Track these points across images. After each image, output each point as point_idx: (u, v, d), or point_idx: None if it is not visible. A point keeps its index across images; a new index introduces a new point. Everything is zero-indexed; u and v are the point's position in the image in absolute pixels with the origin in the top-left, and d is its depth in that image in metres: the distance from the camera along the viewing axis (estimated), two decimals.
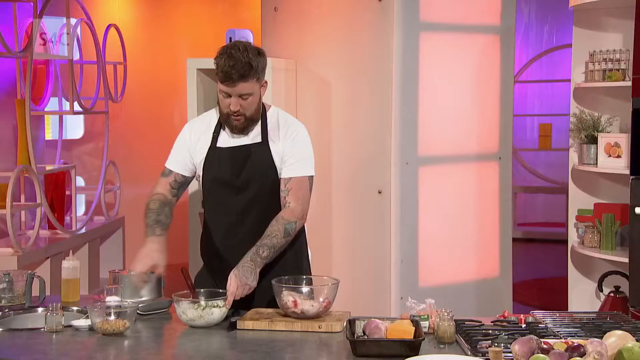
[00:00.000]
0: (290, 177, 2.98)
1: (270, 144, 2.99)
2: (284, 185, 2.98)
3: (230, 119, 2.95)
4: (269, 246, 2.88)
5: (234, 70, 2.84)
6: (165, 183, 3.09)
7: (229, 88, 2.88)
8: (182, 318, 2.71)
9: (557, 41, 9.75)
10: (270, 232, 2.90)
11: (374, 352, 2.35)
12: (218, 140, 3.02)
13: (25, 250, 4.89)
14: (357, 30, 4.63)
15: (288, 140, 3.00)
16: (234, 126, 2.96)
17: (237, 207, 3.01)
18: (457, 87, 4.76)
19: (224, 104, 2.93)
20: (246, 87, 2.88)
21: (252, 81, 2.88)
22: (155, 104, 7.73)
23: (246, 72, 2.85)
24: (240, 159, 2.99)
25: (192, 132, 3.08)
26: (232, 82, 2.86)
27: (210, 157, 3.02)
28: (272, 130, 3.02)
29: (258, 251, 2.85)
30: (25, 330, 2.71)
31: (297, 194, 2.97)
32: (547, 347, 2.20)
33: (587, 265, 5.08)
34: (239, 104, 2.90)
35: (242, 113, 2.93)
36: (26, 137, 5.13)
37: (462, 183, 4.79)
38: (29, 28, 5.56)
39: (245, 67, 2.84)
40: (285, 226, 2.91)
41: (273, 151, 2.99)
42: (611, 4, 4.84)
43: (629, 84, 4.53)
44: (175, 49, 7.84)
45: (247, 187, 2.99)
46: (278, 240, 2.89)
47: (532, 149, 9.76)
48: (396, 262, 4.55)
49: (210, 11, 8.11)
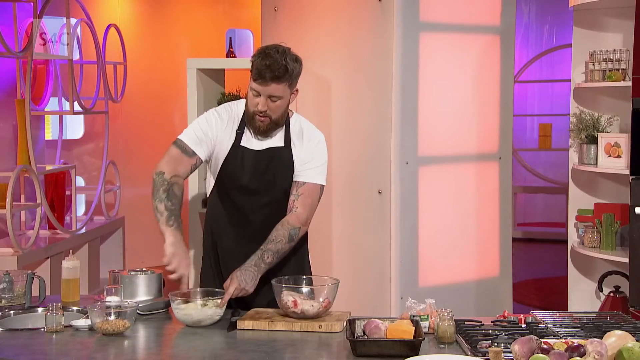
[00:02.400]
0: (304, 182, 2.99)
1: (292, 148, 3.01)
2: (295, 189, 2.99)
3: (255, 119, 2.94)
4: (274, 251, 2.88)
5: (269, 70, 2.84)
6: (187, 164, 2.97)
7: (261, 87, 2.88)
8: (178, 316, 2.71)
9: (557, 41, 9.75)
10: (275, 237, 2.90)
11: (374, 352, 2.35)
12: (242, 139, 3.00)
13: (25, 250, 4.89)
14: (357, 30, 4.63)
15: (308, 147, 3.01)
16: (257, 127, 2.95)
17: (249, 207, 3.00)
18: (457, 87, 4.75)
19: (253, 102, 2.92)
20: (278, 90, 2.88)
21: (284, 84, 2.88)
22: (155, 104, 7.73)
23: (280, 74, 2.85)
24: (263, 163, 2.98)
25: (222, 121, 3.00)
26: (264, 81, 2.86)
27: (233, 154, 2.99)
28: (294, 135, 3.03)
29: (263, 256, 2.85)
30: (25, 330, 2.71)
31: (306, 200, 2.98)
32: (547, 347, 2.20)
33: (587, 265, 5.08)
34: (267, 105, 2.89)
35: (268, 115, 2.92)
36: (26, 137, 5.13)
37: (462, 183, 4.79)
38: (29, 28, 5.56)
39: (280, 69, 2.85)
40: (290, 232, 2.92)
41: (294, 154, 3.00)
42: (611, 4, 4.84)
43: (629, 84, 4.53)
44: (175, 49, 7.85)
45: (265, 191, 3.00)
46: (282, 246, 2.90)
47: (532, 149, 9.76)
48: (396, 262, 4.55)
49: (210, 11, 8.11)
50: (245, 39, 7.46)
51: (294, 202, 2.97)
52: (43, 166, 5.74)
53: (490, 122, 4.87)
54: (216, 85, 4.97)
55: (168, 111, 7.78)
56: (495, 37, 4.84)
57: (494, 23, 4.84)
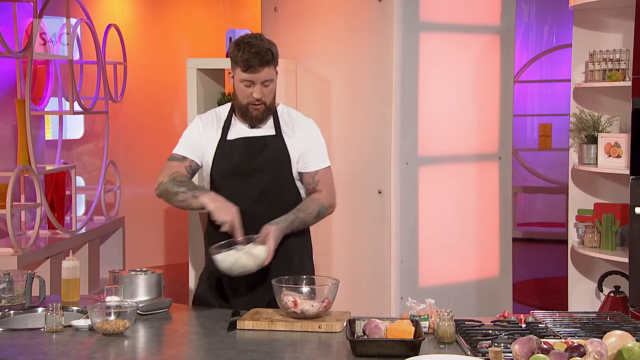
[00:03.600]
0: (316, 170, 3.06)
1: (285, 137, 3.04)
2: (311, 179, 3.05)
3: (249, 109, 2.99)
4: (302, 220, 2.96)
5: (258, 57, 2.91)
6: (180, 166, 3.04)
7: (253, 75, 2.93)
8: (223, 266, 2.76)
9: (557, 41, 9.75)
10: (305, 208, 2.99)
11: (374, 352, 2.35)
12: (228, 134, 3.05)
13: (25, 250, 4.89)
14: (357, 30, 4.63)
15: (304, 136, 3.06)
16: (254, 116, 3.00)
17: (249, 196, 2.99)
18: (457, 87, 4.75)
19: (245, 94, 2.97)
20: (269, 74, 2.95)
21: (272, 67, 2.96)
22: (155, 104, 7.73)
23: (269, 58, 2.93)
24: (254, 147, 3.01)
25: (204, 124, 3.09)
26: (255, 68, 2.91)
27: (221, 149, 3.03)
28: (284, 124, 3.07)
29: (294, 221, 2.92)
30: (25, 330, 2.71)
31: (326, 183, 3.07)
32: (547, 347, 2.20)
33: (587, 265, 5.08)
34: (261, 91, 2.95)
35: (263, 101, 2.97)
36: (26, 137, 5.13)
37: (462, 183, 4.79)
38: (29, 28, 5.56)
39: (267, 53, 2.93)
40: (319, 208, 3.01)
41: (288, 144, 3.03)
42: (611, 4, 4.84)
43: (629, 84, 4.53)
44: (175, 49, 7.85)
45: (260, 175, 3.00)
46: (310, 219, 3.00)
47: (532, 149, 9.76)
48: (396, 262, 4.55)
49: (210, 11, 8.11)
50: None
51: (315, 188, 3.05)
52: (43, 166, 5.74)
53: (490, 122, 4.87)
54: (216, 85, 4.97)
55: (168, 111, 7.78)
56: (495, 37, 4.84)
57: (494, 23, 4.84)
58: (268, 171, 3.01)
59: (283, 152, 3.02)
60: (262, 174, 3.00)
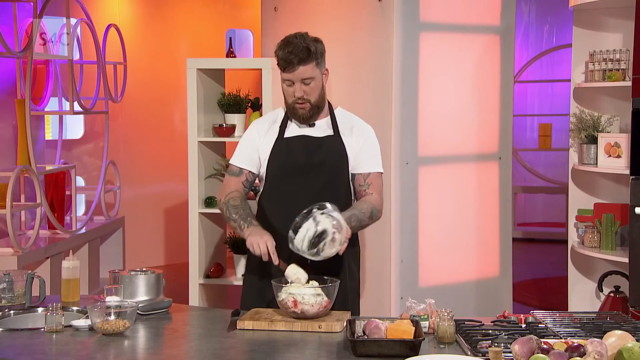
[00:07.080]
0: (369, 172, 3.07)
1: (343, 137, 3.06)
2: (363, 180, 3.06)
3: (295, 108, 3.01)
4: (358, 219, 2.92)
5: (293, 55, 2.92)
6: (237, 182, 3.09)
7: (291, 74, 2.95)
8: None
9: (557, 41, 9.75)
10: (360, 208, 2.96)
11: (374, 352, 2.35)
12: (285, 132, 3.06)
13: (25, 250, 4.89)
14: (357, 30, 4.63)
15: (361, 138, 3.08)
16: (300, 115, 3.01)
17: (306, 193, 2.98)
18: (457, 87, 4.76)
19: (289, 93, 3.00)
20: (307, 71, 2.95)
21: (311, 64, 2.96)
22: (155, 104, 7.73)
23: (305, 56, 2.93)
24: (312, 145, 3.03)
25: (258, 129, 3.11)
26: (292, 67, 2.93)
27: (278, 146, 3.04)
28: (342, 126, 3.08)
29: (350, 219, 2.86)
30: (25, 330, 2.71)
31: (377, 187, 3.07)
32: (547, 347, 2.20)
33: (587, 265, 5.08)
34: (302, 89, 2.97)
35: (307, 99, 2.99)
36: (26, 137, 5.14)
37: (462, 183, 4.79)
38: (29, 28, 5.56)
39: (303, 51, 2.93)
40: (372, 210, 3.00)
41: (346, 142, 3.05)
42: (611, 4, 4.84)
43: (629, 84, 4.53)
44: (175, 49, 7.85)
45: (319, 171, 3.01)
46: (365, 219, 2.97)
47: (532, 149, 9.76)
48: (396, 262, 4.55)
49: (210, 11, 8.12)
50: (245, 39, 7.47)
51: (366, 190, 3.05)
52: (43, 166, 5.74)
53: (490, 122, 4.87)
54: (216, 85, 4.97)
55: (168, 111, 7.78)
56: (495, 37, 4.84)
57: (494, 23, 4.84)
58: (326, 168, 3.02)
59: (341, 150, 3.04)
60: (320, 171, 3.02)
